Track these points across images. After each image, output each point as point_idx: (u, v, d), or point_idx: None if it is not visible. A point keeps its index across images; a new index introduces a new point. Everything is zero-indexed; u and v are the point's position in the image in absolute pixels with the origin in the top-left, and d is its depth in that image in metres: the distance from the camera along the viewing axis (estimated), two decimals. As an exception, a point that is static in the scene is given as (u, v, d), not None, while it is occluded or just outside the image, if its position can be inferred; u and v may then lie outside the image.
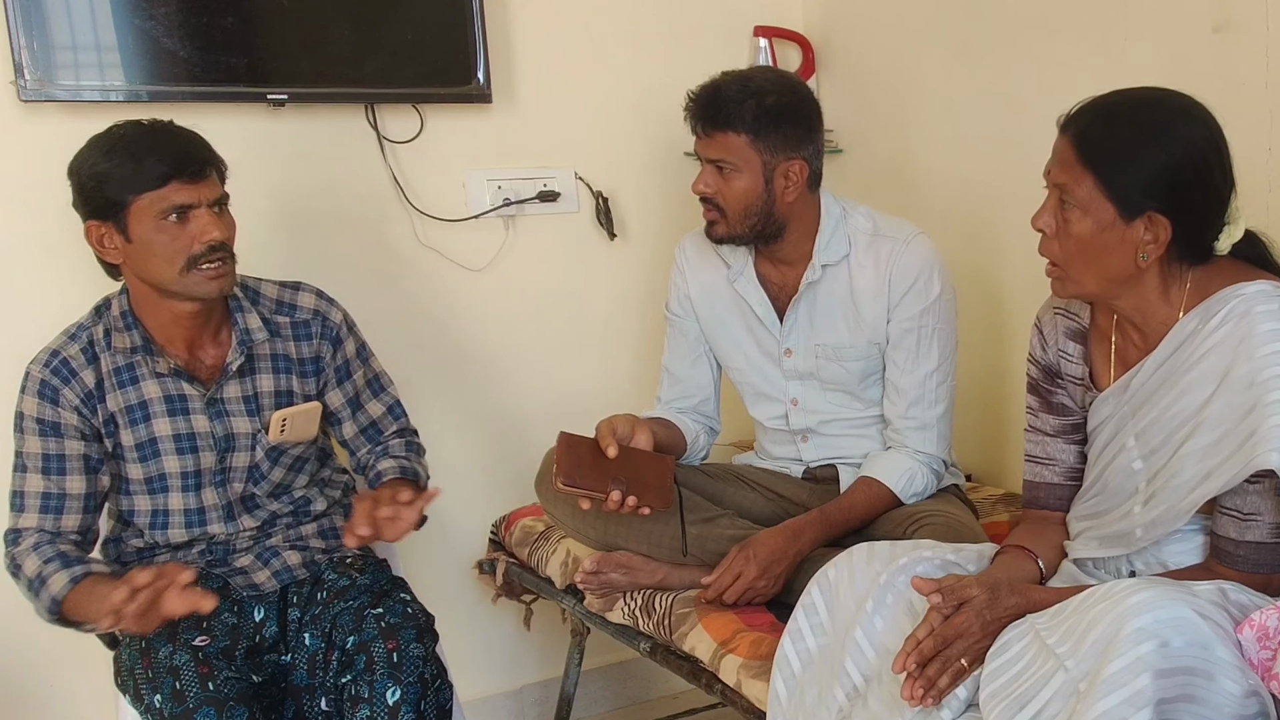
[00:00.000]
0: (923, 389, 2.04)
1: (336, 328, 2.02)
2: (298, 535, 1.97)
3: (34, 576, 1.78)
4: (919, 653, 1.37)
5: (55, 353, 1.84)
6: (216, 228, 1.77)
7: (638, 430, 1.98)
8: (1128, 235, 1.44)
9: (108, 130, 1.79)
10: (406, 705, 1.74)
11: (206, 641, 1.76)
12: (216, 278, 1.79)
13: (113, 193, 1.74)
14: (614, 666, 2.82)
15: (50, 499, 1.82)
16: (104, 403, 1.84)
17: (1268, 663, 1.23)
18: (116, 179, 1.74)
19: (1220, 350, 1.43)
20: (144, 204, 1.74)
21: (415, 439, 2.12)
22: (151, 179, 1.73)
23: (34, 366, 1.84)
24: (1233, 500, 1.43)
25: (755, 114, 1.94)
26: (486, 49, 2.45)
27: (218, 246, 1.78)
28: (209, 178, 1.79)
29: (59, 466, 1.83)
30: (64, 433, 1.82)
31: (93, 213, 1.78)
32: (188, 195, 1.75)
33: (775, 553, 1.89)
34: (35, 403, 1.82)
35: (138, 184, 1.74)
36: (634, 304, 2.76)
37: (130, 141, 1.76)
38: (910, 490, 2.02)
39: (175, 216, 1.75)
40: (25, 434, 1.83)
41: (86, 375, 1.84)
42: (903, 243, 2.03)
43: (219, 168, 1.82)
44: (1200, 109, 1.45)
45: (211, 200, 1.78)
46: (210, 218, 1.77)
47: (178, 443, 1.87)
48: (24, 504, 1.83)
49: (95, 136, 1.78)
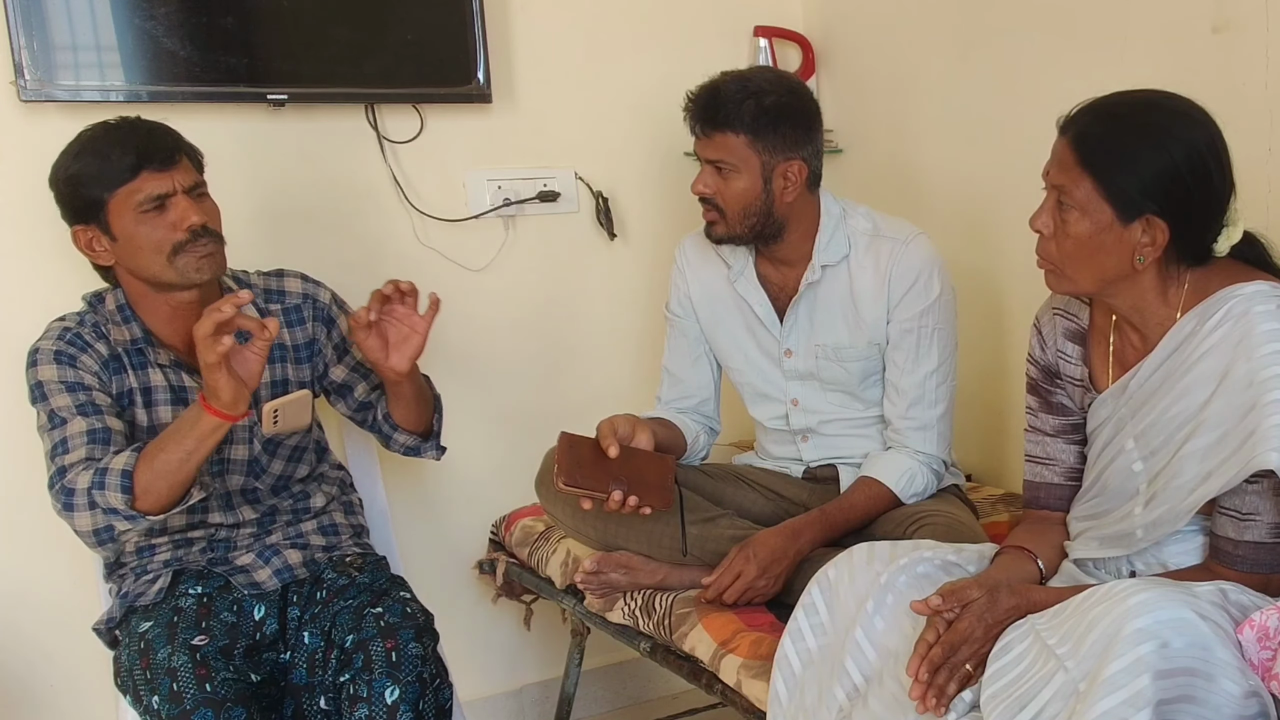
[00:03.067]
0: (923, 389, 2.04)
1: (327, 307, 2.04)
2: (298, 533, 1.97)
3: (90, 485, 1.71)
4: (929, 661, 1.38)
5: (66, 329, 1.84)
6: (195, 212, 1.78)
7: (638, 430, 1.98)
8: (1125, 237, 1.44)
9: (76, 135, 1.81)
10: (404, 704, 1.74)
11: (205, 641, 1.76)
12: (205, 258, 1.80)
13: (88, 193, 1.76)
14: (614, 666, 2.82)
15: (96, 433, 1.77)
16: (119, 375, 1.85)
17: (1268, 663, 1.23)
18: (88, 178, 1.76)
19: (1219, 350, 1.43)
20: (120, 198, 1.76)
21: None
22: (121, 171, 1.75)
23: (44, 342, 1.82)
24: (1231, 500, 1.43)
25: (754, 114, 1.94)
26: (486, 49, 2.45)
27: (200, 231, 1.79)
28: (179, 164, 1.79)
29: (95, 409, 1.79)
30: (90, 386, 1.80)
31: (76, 217, 1.80)
32: (161, 183, 1.76)
33: (775, 553, 1.89)
34: (54, 369, 1.80)
35: (109, 179, 1.75)
36: (634, 304, 2.76)
37: (96, 140, 1.78)
38: (910, 490, 2.02)
39: (154, 207, 1.76)
40: (51, 395, 1.79)
41: (100, 347, 1.84)
42: (903, 243, 2.03)
43: (190, 154, 1.83)
44: (1200, 112, 1.45)
45: (187, 186, 1.79)
46: (188, 203, 1.78)
47: None
48: (68, 445, 1.76)
49: (67, 144, 1.81)
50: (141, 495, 1.71)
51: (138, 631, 1.78)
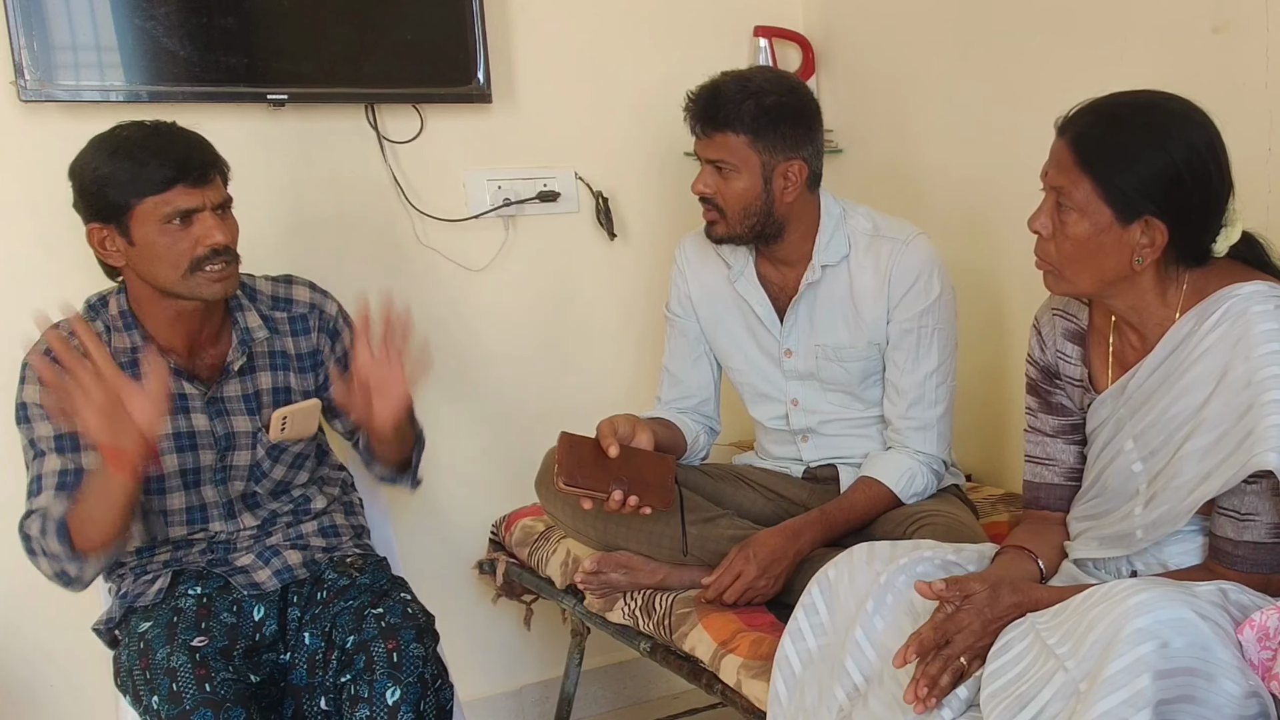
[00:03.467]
0: (923, 389, 2.04)
1: (333, 320, 2.02)
2: (298, 534, 1.97)
3: (39, 532, 1.72)
4: (919, 642, 1.37)
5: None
6: (220, 231, 1.76)
7: (638, 430, 1.98)
8: (1124, 238, 1.44)
9: (110, 131, 1.77)
10: (406, 705, 1.74)
11: (204, 642, 1.75)
12: (220, 280, 1.79)
13: (115, 196, 1.73)
14: (614, 666, 2.82)
15: (66, 475, 1.76)
16: None
17: (1268, 663, 1.23)
18: (119, 182, 1.72)
19: (1217, 350, 1.43)
20: (147, 208, 1.73)
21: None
22: (155, 183, 1.72)
23: (33, 357, 1.79)
24: (1230, 500, 1.43)
25: (754, 114, 1.94)
26: (486, 49, 2.45)
27: (221, 250, 1.77)
28: (213, 181, 1.77)
29: (73, 443, 1.78)
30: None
31: (94, 215, 1.76)
32: (192, 199, 1.74)
33: (775, 552, 1.89)
34: (39, 390, 1.77)
35: (141, 187, 1.72)
36: (634, 304, 2.76)
37: (133, 144, 1.74)
38: (910, 490, 2.02)
39: (179, 220, 1.74)
40: (33, 421, 1.79)
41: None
42: (903, 243, 2.03)
43: (222, 171, 1.81)
44: (1198, 112, 1.45)
45: (215, 204, 1.77)
46: (214, 221, 1.76)
47: (177, 441, 1.87)
48: (41, 486, 1.77)
49: (97, 137, 1.77)
50: (77, 538, 1.71)
51: (137, 631, 1.78)
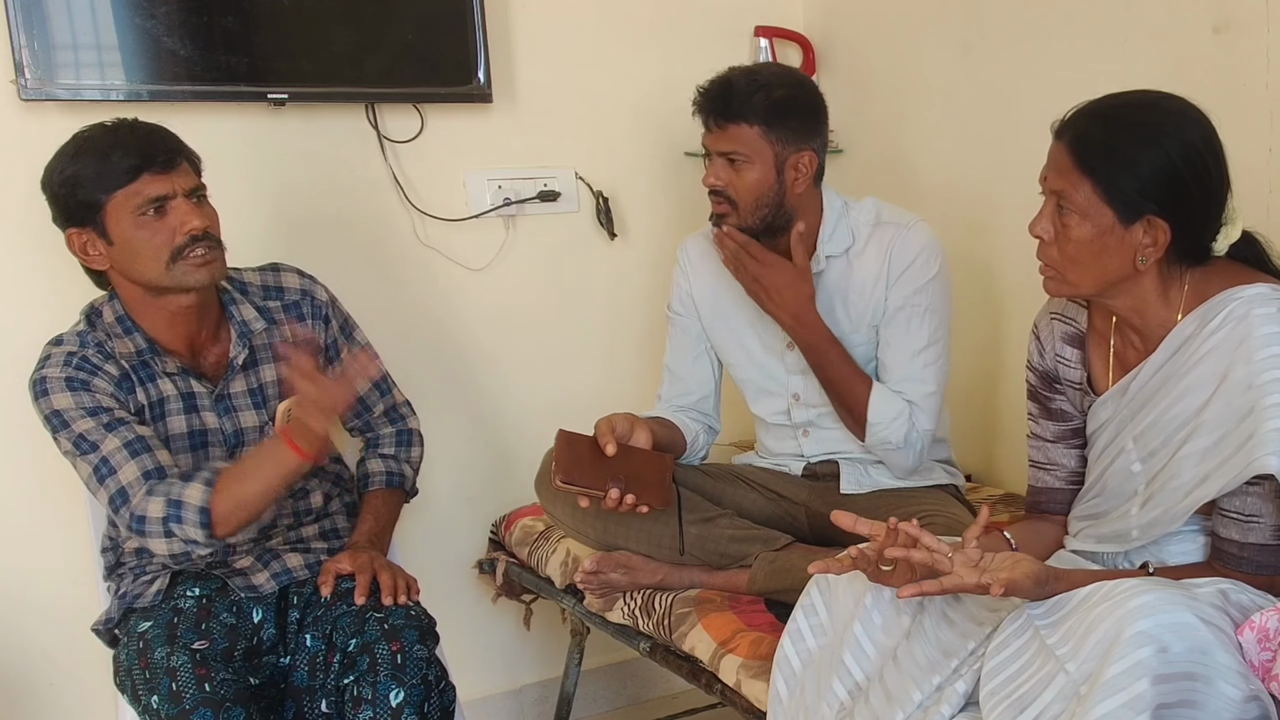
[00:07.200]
0: (910, 366, 2.02)
1: (324, 306, 2.03)
2: (298, 537, 1.97)
3: (165, 515, 1.72)
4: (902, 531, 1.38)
5: (71, 354, 1.79)
6: (196, 216, 1.76)
7: (637, 429, 1.98)
8: (1127, 239, 1.44)
9: (72, 136, 1.78)
10: (410, 707, 1.73)
11: (205, 644, 1.75)
12: (204, 264, 1.78)
13: (85, 195, 1.73)
14: (614, 666, 2.82)
15: (134, 444, 1.75)
16: (131, 394, 1.82)
17: (1268, 664, 1.23)
18: (86, 180, 1.73)
19: (1219, 353, 1.43)
20: (119, 201, 1.73)
21: (405, 424, 2.14)
22: (121, 173, 1.72)
23: (50, 370, 1.77)
24: (1233, 502, 1.43)
25: (766, 106, 1.95)
26: (487, 49, 2.45)
27: (200, 235, 1.76)
28: (179, 167, 1.77)
29: (122, 423, 1.77)
30: (110, 406, 1.78)
31: (70, 220, 1.77)
32: (161, 186, 1.74)
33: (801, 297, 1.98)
34: (69, 396, 1.76)
35: (108, 182, 1.72)
36: (634, 304, 2.76)
37: (94, 141, 1.75)
38: (880, 426, 1.98)
39: (153, 211, 1.74)
40: (73, 422, 1.76)
41: (110, 368, 1.80)
42: (905, 228, 2.04)
43: (190, 159, 1.81)
44: (1195, 110, 1.45)
45: (187, 190, 1.77)
46: (188, 207, 1.76)
47: (190, 440, 1.87)
48: (113, 464, 1.75)
49: (61, 145, 1.78)
50: (220, 525, 1.74)
51: (137, 631, 1.77)
